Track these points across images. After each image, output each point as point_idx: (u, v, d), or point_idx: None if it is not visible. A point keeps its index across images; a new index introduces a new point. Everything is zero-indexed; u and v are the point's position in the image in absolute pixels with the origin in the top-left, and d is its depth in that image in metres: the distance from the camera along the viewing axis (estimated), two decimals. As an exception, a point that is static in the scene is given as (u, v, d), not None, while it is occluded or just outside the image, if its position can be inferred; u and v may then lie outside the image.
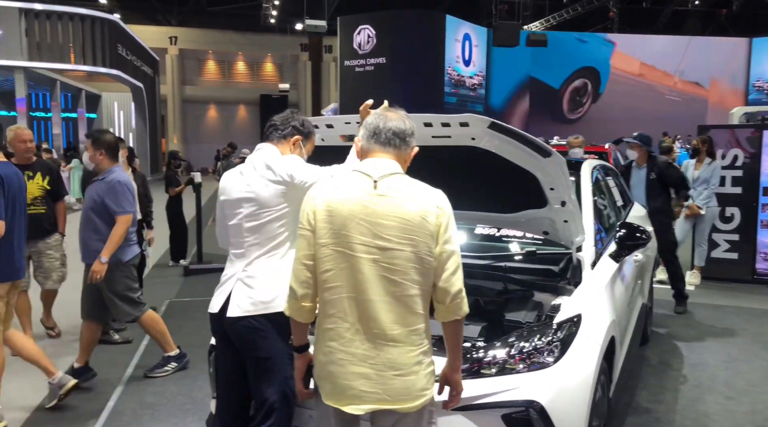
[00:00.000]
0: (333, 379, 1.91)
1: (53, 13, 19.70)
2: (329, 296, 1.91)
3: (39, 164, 4.87)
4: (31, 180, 4.67)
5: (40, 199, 4.76)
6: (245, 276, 2.48)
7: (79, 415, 3.75)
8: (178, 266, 8.09)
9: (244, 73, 34.80)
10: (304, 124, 2.67)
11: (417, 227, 1.85)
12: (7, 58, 18.96)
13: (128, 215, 4.01)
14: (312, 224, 1.93)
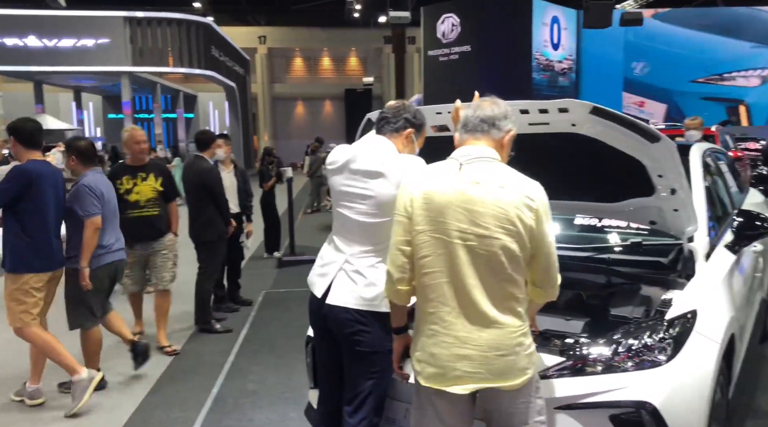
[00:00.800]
0: (436, 361, 1.95)
1: (153, 19, 20.93)
2: (428, 280, 1.96)
3: (152, 165, 4.82)
4: (144, 181, 4.66)
5: (153, 201, 4.68)
6: (350, 269, 2.43)
7: (185, 400, 3.96)
8: (272, 257, 8.37)
9: (329, 68, 35.45)
10: (416, 116, 2.55)
11: (513, 217, 1.88)
12: (114, 64, 20.37)
13: (93, 217, 3.85)
14: (408, 211, 1.99)
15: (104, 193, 3.98)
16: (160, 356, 4.70)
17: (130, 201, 4.59)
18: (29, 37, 20.01)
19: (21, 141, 3.80)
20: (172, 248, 4.84)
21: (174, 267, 4.85)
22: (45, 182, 3.72)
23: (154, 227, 4.70)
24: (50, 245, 3.77)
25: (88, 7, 20.89)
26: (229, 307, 5.95)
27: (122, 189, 4.55)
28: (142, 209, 4.63)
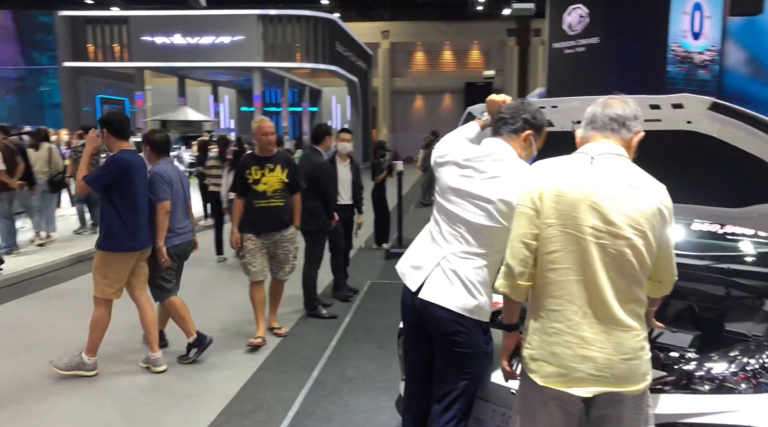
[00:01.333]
0: (558, 361, 1.90)
1: (284, 16, 22.02)
2: (555, 277, 1.92)
3: (280, 157, 4.81)
4: (272, 172, 4.71)
5: (279, 192, 4.72)
6: (447, 266, 2.35)
7: (289, 381, 4.16)
8: (381, 249, 8.54)
9: (450, 62, 35.29)
10: (536, 117, 2.40)
11: (645, 218, 1.85)
12: (248, 60, 21.71)
13: (164, 201, 4.26)
14: (536, 204, 1.94)
15: (173, 181, 4.38)
16: (271, 336, 4.97)
17: (257, 191, 4.68)
18: (175, 36, 21.87)
19: (112, 132, 4.18)
20: (293, 240, 4.89)
21: (294, 260, 4.90)
22: (134, 171, 4.13)
23: (279, 218, 4.75)
24: (139, 228, 4.16)
25: (227, 6, 22.44)
26: (344, 295, 6.12)
27: (250, 179, 4.68)
28: (269, 200, 4.70)
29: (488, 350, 2.41)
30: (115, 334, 4.76)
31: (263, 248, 4.77)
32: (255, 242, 4.73)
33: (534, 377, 1.95)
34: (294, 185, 4.87)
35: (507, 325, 2.12)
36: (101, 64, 22.92)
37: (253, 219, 4.69)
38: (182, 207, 4.52)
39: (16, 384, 4.09)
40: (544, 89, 18.29)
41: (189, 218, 4.62)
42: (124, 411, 3.69)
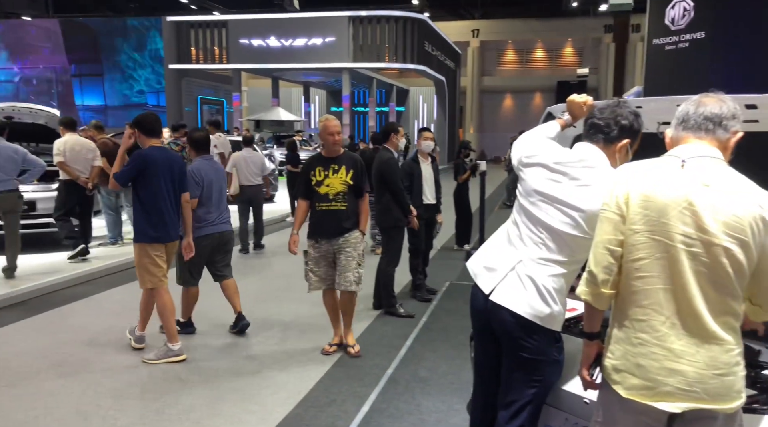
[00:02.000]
0: (643, 373, 1.82)
1: (374, 17, 22.33)
2: (641, 285, 1.83)
3: (346, 158, 4.52)
4: (335, 174, 4.44)
5: (342, 196, 4.43)
6: (523, 271, 2.29)
7: (363, 377, 4.23)
8: (462, 250, 8.47)
9: (542, 60, 34.38)
10: (633, 124, 2.21)
11: (745, 226, 1.72)
12: (338, 61, 22.20)
13: (192, 198, 4.69)
14: (622, 209, 1.86)
15: (204, 177, 4.77)
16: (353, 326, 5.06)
17: (319, 193, 4.43)
18: (270, 38, 22.75)
19: (143, 131, 4.45)
20: (357, 246, 4.49)
21: (359, 268, 4.48)
22: (158, 166, 4.33)
23: (340, 223, 4.43)
24: (163, 220, 4.36)
25: (319, 8, 23.04)
26: (423, 296, 6.14)
27: (314, 181, 4.45)
28: (330, 203, 4.42)
29: (559, 359, 2.34)
30: (208, 324, 5.03)
31: (327, 255, 4.48)
32: (317, 248, 4.48)
33: (617, 389, 1.88)
34: (359, 188, 4.53)
35: (588, 333, 2.03)
36: (202, 67, 24.26)
37: (315, 223, 4.48)
38: (216, 200, 4.87)
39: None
40: (641, 88, 17.37)
41: (222, 210, 4.94)
42: (209, 396, 3.89)
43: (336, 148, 4.50)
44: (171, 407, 3.73)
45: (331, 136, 4.44)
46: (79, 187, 7.19)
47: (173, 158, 4.54)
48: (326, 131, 4.44)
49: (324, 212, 4.44)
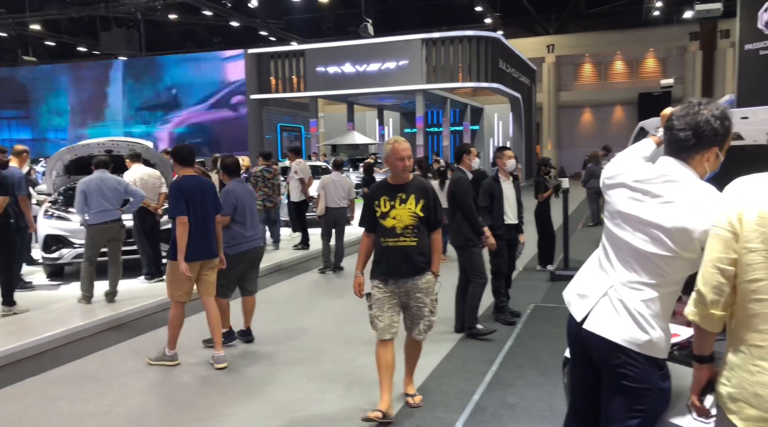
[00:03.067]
0: (762, 404, 1.69)
1: (447, 38, 22.43)
2: (759, 308, 1.72)
3: (415, 185, 3.90)
4: (403, 204, 3.83)
5: (411, 229, 3.81)
6: (615, 296, 2.19)
7: (448, 403, 4.13)
8: (545, 270, 8.21)
9: (621, 72, 33.23)
10: (718, 130, 2.03)
11: None
12: (411, 83, 22.41)
13: (224, 216, 5.13)
14: (734, 226, 1.76)
15: (239, 198, 5.24)
16: (434, 349, 4.98)
17: (385, 227, 3.84)
18: (345, 65, 23.31)
19: (178, 160, 4.98)
20: (430, 290, 3.89)
21: (431, 315, 3.94)
22: (189, 192, 4.79)
23: (410, 261, 3.81)
24: (196, 240, 4.80)
25: (392, 33, 23.42)
26: (506, 319, 5.98)
27: (378, 212, 3.87)
28: (398, 239, 3.81)
29: (663, 388, 2.17)
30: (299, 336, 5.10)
31: (393, 298, 3.86)
32: (383, 290, 3.86)
33: (733, 419, 1.74)
34: (433, 221, 3.92)
35: (698, 356, 1.91)
36: (281, 95, 25.15)
37: (380, 261, 3.87)
38: (249, 219, 5.31)
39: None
40: (733, 96, 16.43)
41: (256, 228, 5.43)
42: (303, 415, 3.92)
43: (405, 174, 3.89)
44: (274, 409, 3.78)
45: (401, 162, 3.83)
46: (150, 213, 7.61)
47: (204, 184, 5.01)
48: (395, 155, 3.83)
49: (390, 249, 3.83)
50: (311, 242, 10.09)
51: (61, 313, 6.30)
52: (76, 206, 6.65)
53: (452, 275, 5.77)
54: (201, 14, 27.34)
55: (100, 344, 5.60)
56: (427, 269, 3.88)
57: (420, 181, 3.99)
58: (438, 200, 3.99)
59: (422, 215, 3.85)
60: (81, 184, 6.61)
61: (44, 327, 5.72)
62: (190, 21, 29.27)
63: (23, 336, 5.44)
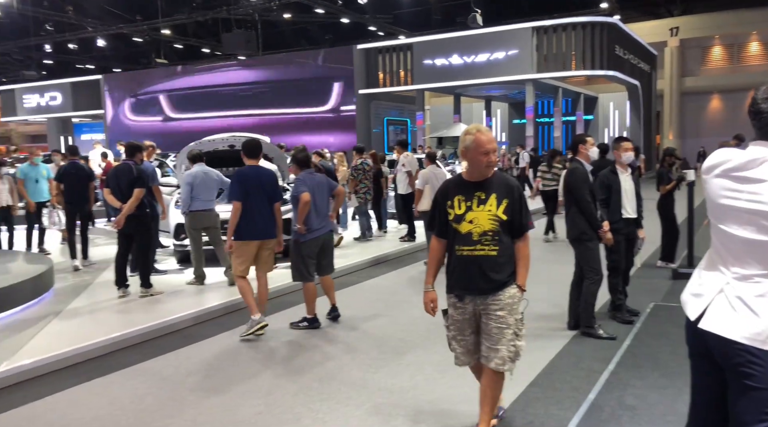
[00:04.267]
0: None
1: (559, 26, 21.60)
2: None
3: (497, 182, 3.23)
4: (482, 205, 3.18)
5: (491, 236, 3.16)
6: (732, 293, 2.09)
7: (561, 400, 4.02)
8: (666, 267, 7.72)
9: (757, 54, 30.34)
10: None
11: None
12: (521, 72, 21.84)
13: (302, 194, 5.54)
14: None
15: (310, 187, 5.61)
16: (545, 345, 4.87)
17: (459, 232, 3.21)
18: (453, 56, 23.15)
19: (245, 153, 5.68)
20: (513, 309, 3.20)
21: (517, 339, 3.21)
22: (248, 180, 5.48)
23: (489, 275, 3.16)
24: (254, 222, 5.45)
25: (502, 23, 22.93)
26: (624, 317, 5.72)
27: (451, 214, 3.23)
28: (475, 246, 3.17)
29: None
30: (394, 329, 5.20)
31: (471, 318, 3.26)
32: (459, 308, 3.27)
33: None
34: (517, 225, 3.23)
35: None
36: (388, 89, 25.46)
37: (455, 273, 3.28)
38: (319, 207, 5.69)
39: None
40: None
41: (324, 218, 5.75)
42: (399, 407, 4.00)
43: (488, 171, 3.21)
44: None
45: (485, 156, 3.16)
46: None
47: (263, 173, 5.64)
48: (479, 148, 3.15)
49: (466, 259, 3.20)
50: (417, 234, 10.24)
51: (191, 295, 6.83)
52: (182, 196, 7.34)
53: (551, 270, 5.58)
54: (313, 12, 28.28)
55: (228, 324, 6.01)
56: (510, 283, 3.22)
57: (503, 178, 3.29)
58: (525, 201, 3.28)
59: (505, 219, 3.16)
60: (188, 176, 7.28)
61: (176, 308, 6.25)
62: (303, 19, 30.35)
63: (159, 315, 5.97)
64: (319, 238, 5.73)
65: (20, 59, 34.13)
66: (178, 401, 4.18)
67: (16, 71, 33.68)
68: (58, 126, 33.72)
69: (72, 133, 34.81)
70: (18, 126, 38.09)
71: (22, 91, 33.22)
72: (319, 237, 5.73)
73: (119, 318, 6.00)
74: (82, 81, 32.28)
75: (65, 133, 34.10)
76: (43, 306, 6.42)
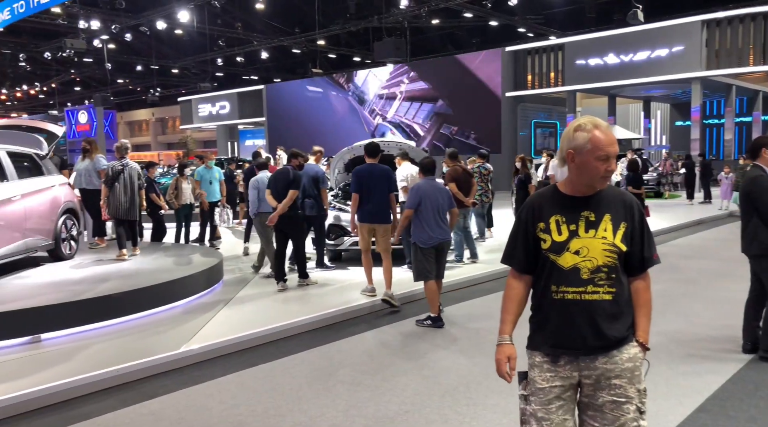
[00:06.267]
0: None
1: (734, 18, 19.57)
2: None
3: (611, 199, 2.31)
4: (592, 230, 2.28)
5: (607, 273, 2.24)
6: None
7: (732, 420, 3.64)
8: None
9: None
10: None
11: None
12: (686, 70, 20.11)
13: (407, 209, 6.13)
14: None
15: (422, 198, 5.98)
16: (715, 368, 4.45)
17: (560, 267, 2.26)
18: (608, 56, 21.94)
19: (366, 153, 6.80)
20: (636, 376, 2.25)
21: (640, 418, 2.23)
22: (362, 175, 6.64)
23: (600, 328, 2.22)
24: (369, 209, 6.61)
25: (663, 18, 21.27)
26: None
27: (546, 240, 2.29)
28: (584, 288, 2.24)
29: None
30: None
31: (568, 390, 2.29)
32: (550, 373, 2.29)
33: None
34: (638, 258, 2.31)
35: None
36: (537, 91, 24.77)
37: (547, 324, 2.31)
38: (434, 216, 6.01)
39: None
40: None
41: (440, 226, 6.02)
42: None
43: (602, 183, 2.28)
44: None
45: (603, 163, 2.22)
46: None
47: (375, 169, 6.69)
48: (596, 151, 2.22)
49: (570, 305, 2.25)
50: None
51: (340, 292, 7.18)
52: (249, 198, 8.28)
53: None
54: (461, 17, 28.33)
55: (375, 322, 6.24)
56: (629, 340, 2.27)
57: (617, 193, 2.36)
58: (647, 225, 2.35)
59: (624, 249, 2.26)
60: (254, 182, 8.14)
61: (328, 302, 6.61)
62: (451, 24, 30.52)
63: (314, 309, 6.35)
64: (434, 247, 6.04)
65: (197, 73, 38.12)
66: (331, 391, 4.40)
67: (193, 84, 37.65)
68: (225, 132, 37.23)
69: (237, 139, 38.22)
70: (193, 133, 42.53)
71: (197, 102, 37.16)
72: (434, 245, 6.04)
73: (279, 309, 6.47)
74: (247, 91, 35.31)
75: (232, 139, 37.56)
76: (215, 296, 7.10)
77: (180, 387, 4.53)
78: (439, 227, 6.03)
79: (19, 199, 6.73)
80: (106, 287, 6.15)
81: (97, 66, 33.74)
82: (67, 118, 31.56)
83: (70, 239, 7.81)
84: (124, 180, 7.78)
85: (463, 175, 8.81)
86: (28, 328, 5.22)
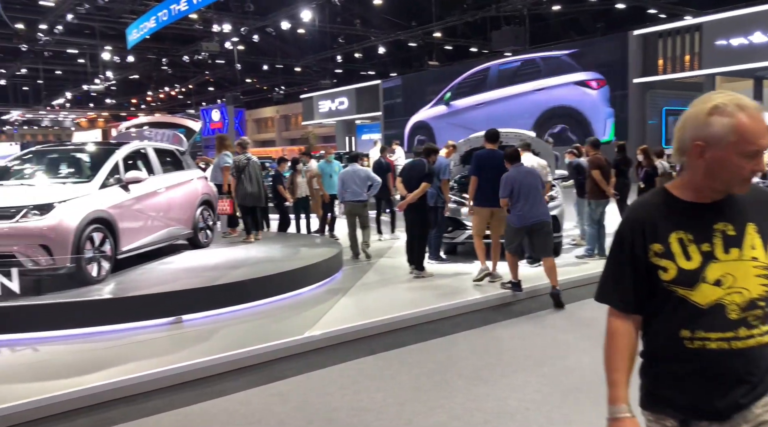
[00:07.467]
0: None
1: None
2: None
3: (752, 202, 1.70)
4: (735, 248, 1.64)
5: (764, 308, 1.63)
6: None
7: None
8: None
9: None
10: None
11: None
12: None
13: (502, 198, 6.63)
14: None
15: (514, 183, 6.44)
16: None
17: (696, 305, 1.62)
18: (754, 34, 19.88)
19: (486, 139, 7.34)
20: None
21: None
22: (483, 161, 7.10)
23: (750, 380, 1.61)
24: (485, 194, 6.96)
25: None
26: None
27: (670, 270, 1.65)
28: (734, 332, 1.60)
29: None
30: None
31: None
32: None
33: None
34: None
35: None
36: (669, 77, 23.00)
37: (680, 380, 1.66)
38: (525, 199, 6.39)
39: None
40: None
41: (533, 207, 6.37)
42: None
43: (743, 186, 1.66)
44: None
45: (750, 161, 1.60)
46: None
47: (495, 155, 7.04)
48: (742, 143, 1.58)
49: (715, 357, 1.61)
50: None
51: (455, 285, 7.16)
52: (338, 189, 9.11)
53: None
54: (585, 1, 26.98)
55: (490, 318, 6.15)
56: None
57: (759, 192, 1.73)
58: None
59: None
60: (341, 173, 9.08)
61: (443, 294, 6.62)
62: (573, 9, 29.16)
63: (429, 302, 6.38)
64: (525, 227, 6.49)
65: (318, 71, 39.55)
66: (450, 385, 4.40)
67: (314, 81, 39.15)
68: (344, 127, 38.35)
69: (355, 134, 39.21)
70: (314, 128, 44.28)
71: (318, 98, 38.57)
72: (525, 225, 6.48)
73: (396, 299, 6.57)
74: (364, 86, 36.08)
75: (349, 133, 38.61)
76: (335, 284, 7.35)
77: (303, 371, 4.75)
78: (532, 209, 6.42)
79: (163, 191, 7.39)
80: (237, 274, 6.59)
81: (228, 67, 36.05)
82: (202, 117, 34.16)
83: (207, 229, 8.46)
84: (248, 172, 8.62)
85: (606, 165, 8.59)
86: (171, 309, 5.71)
